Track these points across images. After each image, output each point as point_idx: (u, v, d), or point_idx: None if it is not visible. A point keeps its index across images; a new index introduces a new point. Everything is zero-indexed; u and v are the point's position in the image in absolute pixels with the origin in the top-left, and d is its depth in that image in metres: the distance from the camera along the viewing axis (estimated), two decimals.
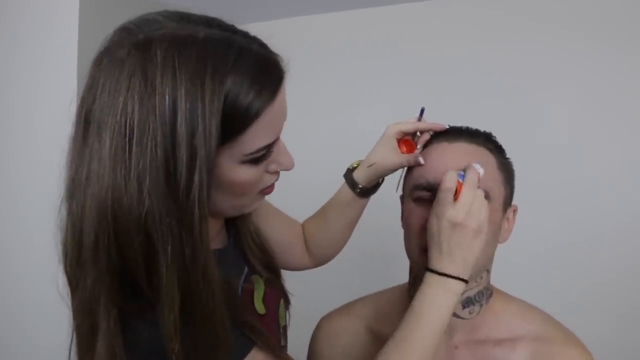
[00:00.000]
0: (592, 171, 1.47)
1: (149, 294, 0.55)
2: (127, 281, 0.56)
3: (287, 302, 0.84)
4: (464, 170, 0.72)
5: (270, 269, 0.82)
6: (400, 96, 1.69)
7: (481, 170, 0.72)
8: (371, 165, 0.86)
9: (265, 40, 0.61)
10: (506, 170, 0.81)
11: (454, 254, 0.69)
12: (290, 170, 0.67)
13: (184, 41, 0.54)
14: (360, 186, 0.90)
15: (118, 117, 0.52)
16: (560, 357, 0.77)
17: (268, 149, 0.60)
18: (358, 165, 0.91)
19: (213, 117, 0.53)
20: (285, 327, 0.81)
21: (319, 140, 1.82)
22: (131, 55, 0.53)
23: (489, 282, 0.84)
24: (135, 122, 0.52)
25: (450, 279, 0.69)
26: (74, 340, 0.61)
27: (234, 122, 0.55)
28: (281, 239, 0.91)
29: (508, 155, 0.83)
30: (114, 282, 0.55)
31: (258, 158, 0.60)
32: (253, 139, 0.57)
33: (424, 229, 0.75)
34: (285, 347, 0.79)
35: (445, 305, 0.69)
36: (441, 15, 1.66)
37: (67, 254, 0.59)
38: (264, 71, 0.58)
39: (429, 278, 0.70)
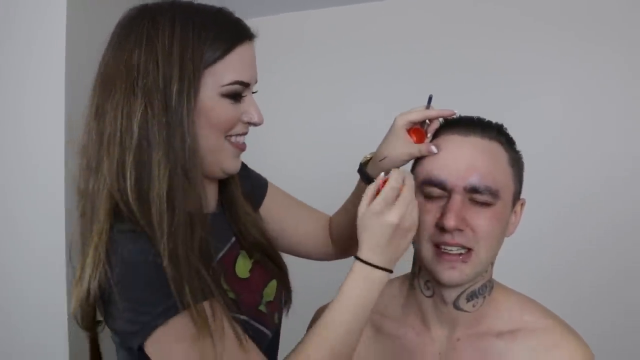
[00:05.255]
0: (583, 168, 1.52)
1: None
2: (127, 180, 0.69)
3: (284, 288, 0.88)
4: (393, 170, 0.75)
5: (263, 248, 0.87)
6: (391, 92, 1.70)
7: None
8: (383, 159, 0.85)
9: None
10: (517, 164, 0.81)
11: (386, 249, 0.72)
12: (259, 125, 0.78)
13: (176, 1, 0.75)
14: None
15: (131, 44, 0.71)
16: (559, 348, 0.78)
17: (241, 86, 0.74)
18: (370, 158, 0.90)
19: (200, 42, 0.71)
20: (270, 303, 0.85)
21: (312, 135, 1.83)
22: (141, 10, 0.74)
23: (491, 275, 0.84)
24: (143, 47, 0.70)
25: (377, 270, 0.72)
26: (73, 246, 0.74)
27: (213, 51, 0.71)
28: (299, 229, 0.99)
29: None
30: (117, 179, 0.69)
31: (234, 94, 0.74)
32: (228, 68, 0.73)
33: (435, 224, 0.76)
34: (267, 315, 0.83)
35: (370, 292, 0.73)
36: (433, 11, 1.67)
37: (82, 169, 0.74)
38: (238, 23, 0.76)
39: (358, 267, 0.73)
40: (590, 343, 0.81)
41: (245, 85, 0.75)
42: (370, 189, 0.74)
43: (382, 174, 0.74)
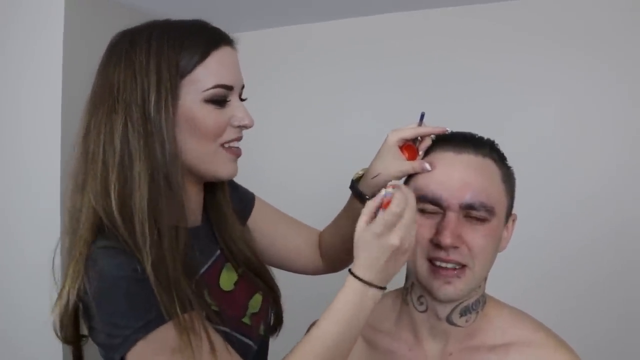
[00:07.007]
0: (574, 175, 1.53)
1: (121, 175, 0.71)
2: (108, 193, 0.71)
3: (275, 309, 0.89)
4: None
5: (250, 264, 0.88)
6: (388, 104, 1.72)
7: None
8: (375, 176, 0.85)
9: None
10: (509, 180, 0.81)
11: (383, 269, 0.71)
12: (249, 127, 0.78)
13: (154, 22, 0.77)
14: (367, 197, 0.89)
15: (112, 65, 0.74)
16: None
17: (224, 89, 0.74)
18: (362, 174, 0.90)
19: (175, 52, 0.72)
20: (256, 314, 0.86)
21: (310, 147, 1.85)
22: (121, 34, 0.77)
23: (484, 290, 0.84)
24: (122, 65, 0.73)
25: (371, 287, 0.72)
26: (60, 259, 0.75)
27: (189, 58, 0.73)
28: (288, 244, 1.00)
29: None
30: (101, 195, 0.71)
31: (218, 99, 0.74)
32: (207, 73, 0.73)
33: (430, 240, 0.76)
34: (250, 326, 0.84)
35: (362, 308, 0.72)
36: (428, 24, 1.69)
37: (71, 189, 0.75)
38: (213, 30, 0.78)
39: (351, 282, 0.72)
40: (588, 345, 0.81)
41: (228, 88, 0.76)
42: (370, 205, 0.71)
43: (384, 191, 0.71)
